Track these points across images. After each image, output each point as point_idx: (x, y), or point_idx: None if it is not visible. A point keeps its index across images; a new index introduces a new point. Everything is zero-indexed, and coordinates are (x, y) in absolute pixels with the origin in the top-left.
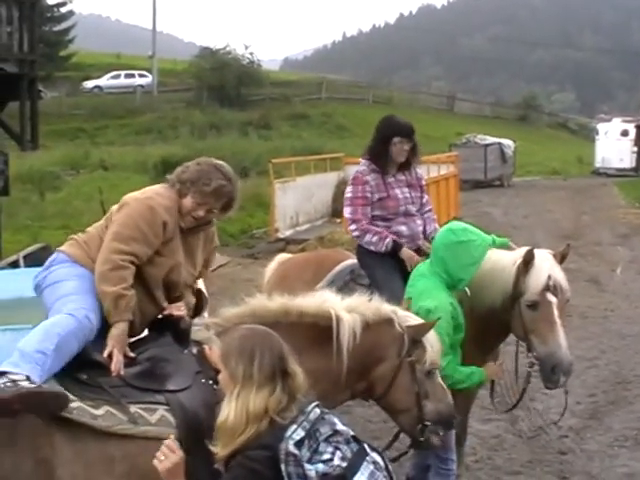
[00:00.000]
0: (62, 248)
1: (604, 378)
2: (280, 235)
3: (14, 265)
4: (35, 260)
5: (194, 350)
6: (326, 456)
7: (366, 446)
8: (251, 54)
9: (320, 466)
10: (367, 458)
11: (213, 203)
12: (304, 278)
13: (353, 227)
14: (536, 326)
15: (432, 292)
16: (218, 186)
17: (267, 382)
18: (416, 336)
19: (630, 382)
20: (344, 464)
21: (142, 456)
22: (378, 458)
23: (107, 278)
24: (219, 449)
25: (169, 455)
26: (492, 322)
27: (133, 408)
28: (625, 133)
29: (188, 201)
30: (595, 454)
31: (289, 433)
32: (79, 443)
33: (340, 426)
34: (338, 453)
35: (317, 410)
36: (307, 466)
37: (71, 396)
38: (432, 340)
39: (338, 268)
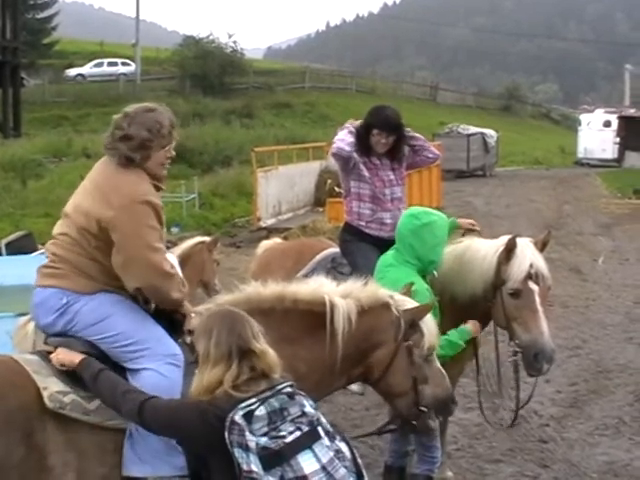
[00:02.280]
0: (63, 285)
1: (585, 367)
2: (262, 224)
3: None
4: (17, 248)
5: (187, 340)
6: (282, 434)
7: (321, 430)
8: (234, 43)
9: (263, 439)
10: (323, 442)
11: (173, 137)
12: (285, 266)
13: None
14: (518, 314)
15: (406, 280)
16: (170, 120)
17: (222, 359)
18: (414, 319)
19: (611, 371)
20: (289, 440)
21: None
22: (344, 448)
23: (172, 288)
24: None
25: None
26: (473, 311)
27: None
28: (607, 124)
29: (159, 155)
30: (576, 442)
31: (242, 405)
32: (72, 432)
33: (308, 408)
34: (297, 433)
35: (289, 389)
36: (249, 436)
37: (66, 388)
38: (429, 324)
39: (319, 256)
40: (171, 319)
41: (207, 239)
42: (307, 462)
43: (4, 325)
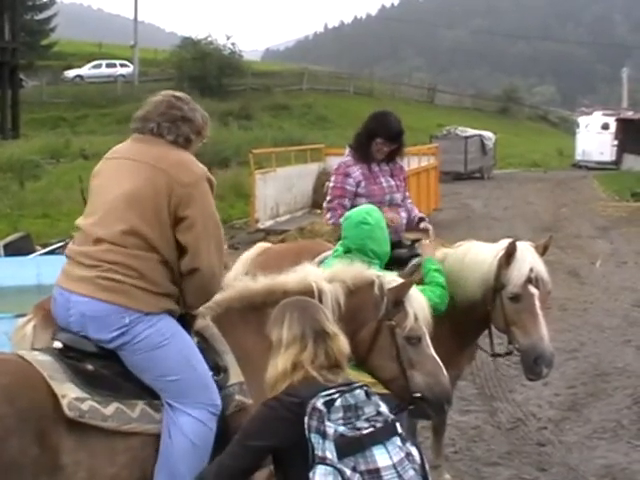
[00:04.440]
0: (126, 302)
1: (583, 370)
2: (260, 226)
3: None
4: (15, 249)
5: (194, 340)
6: (358, 426)
7: (399, 426)
8: (232, 44)
9: (341, 428)
10: (396, 441)
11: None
12: (283, 269)
13: (328, 216)
14: (518, 318)
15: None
16: (204, 115)
17: (295, 340)
18: (397, 297)
19: (609, 374)
20: (366, 432)
21: (143, 450)
22: (415, 452)
23: (221, 276)
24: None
25: None
26: (473, 315)
27: (140, 405)
28: (606, 126)
29: (196, 146)
30: (574, 446)
31: (324, 393)
32: (84, 432)
33: (383, 408)
34: (371, 429)
35: (365, 388)
36: (327, 423)
37: (82, 394)
38: (417, 306)
39: (318, 259)
40: (182, 319)
41: None
42: (381, 456)
43: (2, 326)
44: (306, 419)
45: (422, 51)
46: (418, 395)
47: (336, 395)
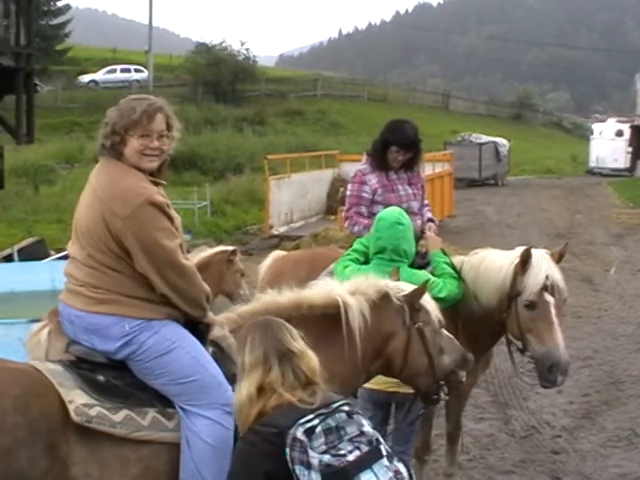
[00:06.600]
0: (121, 312)
1: (597, 378)
2: (274, 232)
3: (8, 259)
4: (29, 254)
5: (210, 350)
6: (342, 452)
7: (383, 448)
8: (247, 50)
9: (326, 457)
10: (383, 462)
11: (155, 125)
12: (298, 276)
13: (346, 224)
14: (533, 326)
15: (424, 277)
16: (146, 107)
17: (258, 363)
18: (413, 302)
19: (623, 382)
20: (351, 459)
21: (156, 459)
22: (402, 469)
23: (194, 286)
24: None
25: None
26: (489, 322)
27: (151, 413)
28: (620, 133)
29: (134, 143)
30: (588, 454)
31: (302, 420)
32: (95, 443)
33: (367, 427)
34: (356, 452)
35: (346, 408)
36: (311, 453)
37: (91, 400)
38: (427, 299)
39: (333, 266)
40: (195, 328)
41: (228, 249)
42: None
43: (16, 331)
44: (287, 451)
45: (436, 57)
46: (441, 382)
47: (316, 421)
